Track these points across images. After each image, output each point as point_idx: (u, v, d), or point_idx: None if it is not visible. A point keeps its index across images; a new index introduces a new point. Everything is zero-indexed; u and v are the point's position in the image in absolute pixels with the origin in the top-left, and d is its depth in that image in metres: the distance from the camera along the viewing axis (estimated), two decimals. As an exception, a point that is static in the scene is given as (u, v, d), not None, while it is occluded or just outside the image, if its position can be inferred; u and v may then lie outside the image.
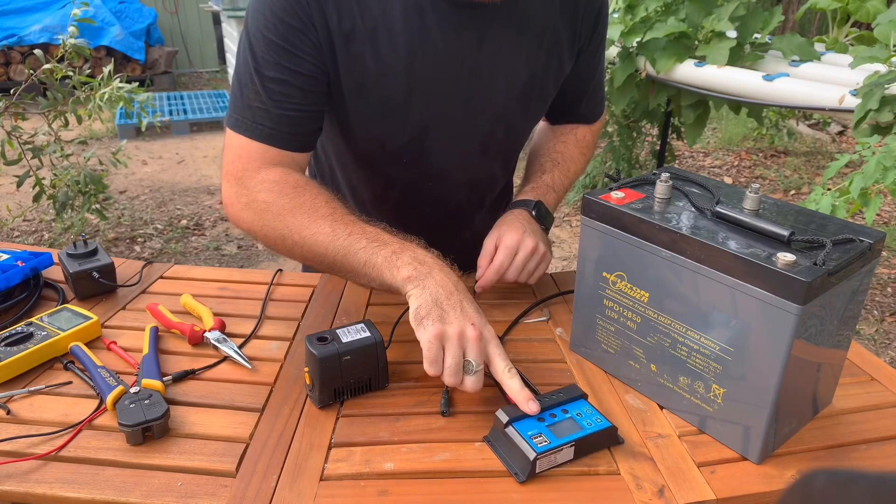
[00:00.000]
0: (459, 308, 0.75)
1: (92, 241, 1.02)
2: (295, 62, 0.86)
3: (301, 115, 0.90)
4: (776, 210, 0.74)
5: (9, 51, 6.00)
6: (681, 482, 0.66)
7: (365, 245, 0.81)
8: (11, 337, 0.82)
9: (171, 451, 0.68)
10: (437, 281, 0.77)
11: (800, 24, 5.90)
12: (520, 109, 1.02)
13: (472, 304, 0.76)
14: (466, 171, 1.05)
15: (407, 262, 0.79)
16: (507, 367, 0.73)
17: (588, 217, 0.79)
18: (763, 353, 0.64)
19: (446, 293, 0.76)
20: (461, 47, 0.91)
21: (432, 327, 0.72)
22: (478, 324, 0.74)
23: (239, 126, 0.89)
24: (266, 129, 0.88)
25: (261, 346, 0.87)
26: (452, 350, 0.72)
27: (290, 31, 0.85)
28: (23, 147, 2.91)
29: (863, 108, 1.79)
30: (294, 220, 0.85)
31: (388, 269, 0.79)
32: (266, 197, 0.87)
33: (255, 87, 0.87)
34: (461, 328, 0.73)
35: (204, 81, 7.35)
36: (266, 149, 0.89)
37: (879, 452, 0.72)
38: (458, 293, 0.76)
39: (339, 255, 0.82)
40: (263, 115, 0.88)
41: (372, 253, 0.81)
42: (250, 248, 3.42)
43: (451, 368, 0.72)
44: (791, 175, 4.51)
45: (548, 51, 0.99)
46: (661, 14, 2.61)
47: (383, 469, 0.67)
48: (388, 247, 0.81)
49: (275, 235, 0.86)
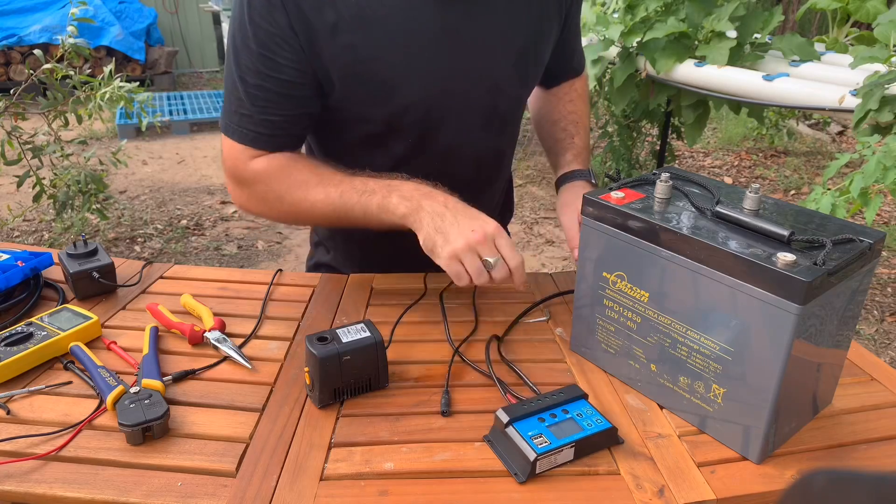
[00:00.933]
0: (456, 224, 0.83)
1: (92, 241, 1.02)
2: (275, 68, 0.88)
3: (283, 119, 0.93)
4: (776, 210, 0.74)
5: (9, 51, 6.00)
6: (681, 482, 0.66)
7: (357, 199, 0.89)
8: (11, 337, 0.82)
9: (171, 451, 0.68)
10: (428, 209, 0.85)
11: (800, 24, 5.90)
12: (517, 78, 1.03)
13: (465, 214, 0.84)
14: (472, 147, 1.06)
15: (396, 202, 0.87)
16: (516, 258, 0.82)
17: (588, 217, 0.79)
18: (763, 353, 0.64)
19: (440, 216, 0.84)
20: (452, 19, 0.92)
21: (443, 251, 0.82)
22: (477, 227, 0.82)
23: (227, 130, 0.95)
24: (250, 133, 0.93)
25: (261, 346, 0.87)
26: (468, 260, 0.81)
27: (268, 38, 0.86)
28: (23, 147, 2.91)
29: (863, 108, 1.79)
30: (291, 198, 0.93)
31: (384, 214, 0.88)
32: (261, 187, 0.95)
33: (239, 93, 0.91)
34: (466, 240, 0.81)
35: (204, 81, 7.35)
36: (252, 151, 0.94)
37: (879, 452, 0.72)
38: (448, 211, 0.85)
39: (340, 214, 0.91)
40: (247, 120, 0.92)
41: (366, 205, 0.89)
42: (250, 248, 3.42)
43: (475, 273, 0.81)
44: (791, 175, 4.51)
45: (538, 15, 1.01)
46: (661, 14, 2.61)
47: (383, 469, 0.67)
48: (377, 194, 0.89)
49: (282, 215, 0.98)
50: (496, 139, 1.09)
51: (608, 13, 2.79)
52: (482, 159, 1.09)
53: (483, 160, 1.09)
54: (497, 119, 1.05)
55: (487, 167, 1.12)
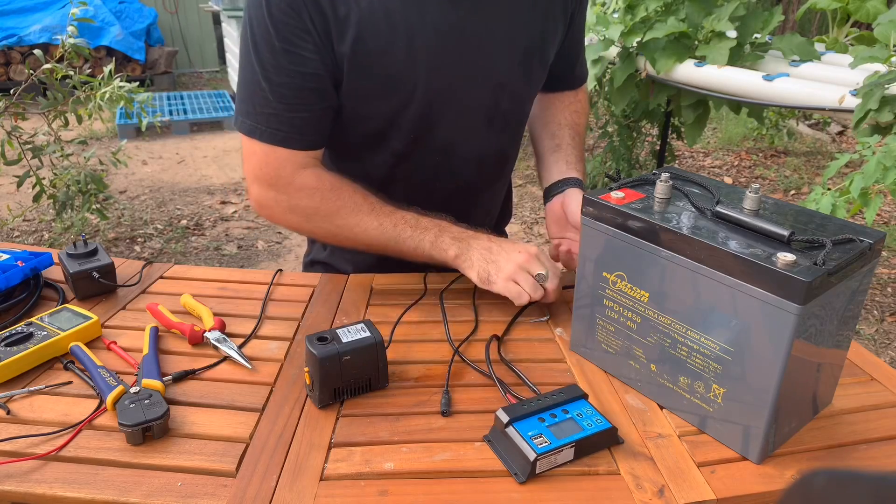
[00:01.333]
0: (503, 252, 0.92)
1: (92, 241, 1.02)
2: (300, 63, 0.88)
3: (313, 115, 0.93)
4: (776, 210, 0.74)
5: (9, 51, 6.00)
6: (681, 482, 0.66)
7: (410, 234, 0.96)
8: (11, 337, 0.82)
9: (171, 451, 0.68)
10: (476, 248, 0.94)
11: (800, 24, 5.90)
12: (522, 77, 1.03)
13: (508, 243, 0.94)
14: (474, 146, 1.06)
15: (449, 243, 0.95)
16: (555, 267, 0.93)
17: (588, 217, 0.79)
18: (763, 353, 0.64)
19: (488, 251, 0.93)
20: (459, 16, 0.92)
21: (499, 278, 0.91)
22: (522, 250, 0.92)
23: (254, 132, 0.93)
24: (282, 134, 0.93)
25: (261, 346, 0.87)
26: (522, 279, 0.90)
27: (290, 32, 0.86)
28: (23, 147, 2.91)
29: (863, 108, 1.79)
30: (342, 221, 0.97)
31: (436, 252, 0.95)
32: (309, 203, 0.97)
33: (265, 93, 0.90)
34: (515, 262, 0.91)
35: (204, 81, 7.35)
36: (288, 152, 0.94)
37: (879, 452, 0.72)
38: (494, 244, 0.94)
39: (390, 244, 0.97)
40: (276, 119, 0.91)
41: (419, 240, 0.96)
42: (250, 248, 3.42)
43: (532, 289, 0.90)
44: (791, 175, 4.51)
45: (543, 15, 1.01)
46: (661, 14, 2.61)
47: (383, 469, 0.67)
48: (430, 231, 0.96)
49: (324, 234, 1.02)
50: (498, 138, 1.08)
51: (608, 13, 2.79)
52: (484, 158, 1.09)
53: (485, 159, 1.09)
54: (500, 118, 1.05)
55: (489, 166, 1.11)
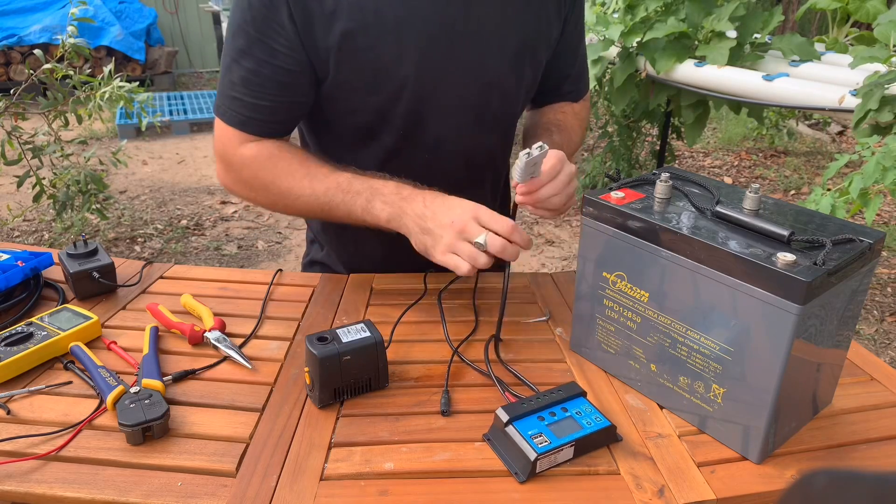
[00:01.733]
0: (436, 220, 0.85)
1: (92, 241, 1.02)
2: (270, 54, 0.89)
3: (273, 105, 0.94)
4: (776, 210, 0.74)
5: (9, 51, 6.00)
6: (681, 482, 0.66)
7: (342, 198, 0.91)
8: (11, 337, 0.82)
9: (171, 451, 0.68)
10: (410, 214, 0.87)
11: (800, 24, 5.90)
12: (513, 76, 1.02)
13: (441, 207, 0.85)
14: (463, 144, 1.05)
15: (380, 208, 0.89)
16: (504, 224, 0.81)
17: (588, 217, 0.79)
18: (763, 353, 0.64)
19: (421, 218, 0.86)
20: (449, 13, 0.92)
21: (435, 250, 0.85)
22: (455, 217, 0.83)
23: (219, 111, 0.96)
24: (241, 116, 0.94)
25: (261, 346, 0.87)
26: (460, 248, 0.83)
27: (266, 25, 0.87)
28: (23, 147, 2.91)
29: (863, 108, 1.79)
30: (277, 188, 0.95)
31: (369, 217, 0.90)
32: (248, 173, 0.96)
33: (233, 75, 0.92)
34: (451, 230, 0.83)
35: (204, 81, 7.35)
36: (241, 134, 0.96)
37: (879, 452, 0.72)
38: (428, 209, 0.86)
39: (325, 210, 0.93)
40: (238, 103, 0.94)
41: (350, 205, 0.91)
42: (250, 248, 3.42)
43: (471, 259, 0.82)
44: (791, 175, 4.51)
45: (536, 16, 1.00)
46: (661, 14, 2.61)
47: (383, 469, 0.67)
48: (360, 196, 0.90)
49: (267, 202, 0.99)
50: (487, 137, 1.08)
51: (608, 13, 2.79)
52: (472, 157, 1.08)
53: (473, 158, 1.09)
54: (489, 116, 1.04)
55: (477, 165, 1.11)
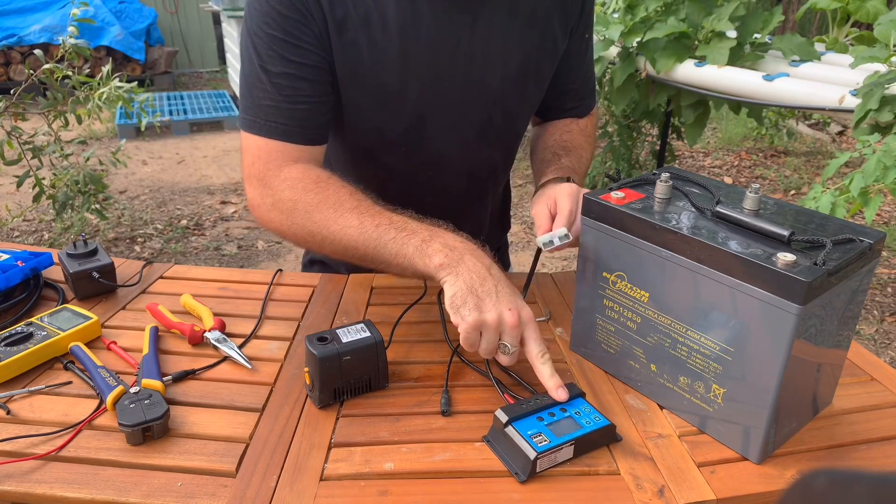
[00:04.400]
0: (495, 293, 0.75)
1: (92, 241, 1.02)
2: (299, 54, 0.87)
3: (312, 108, 0.90)
4: (776, 210, 0.74)
5: (9, 51, 6.00)
6: (681, 482, 0.66)
7: (394, 236, 0.81)
8: (11, 337, 0.82)
9: (171, 451, 0.68)
10: (470, 267, 0.77)
11: (800, 24, 5.90)
12: (516, 93, 1.02)
13: (506, 287, 0.76)
14: (466, 159, 1.05)
15: (437, 249, 0.79)
16: (541, 352, 0.74)
17: (588, 217, 0.79)
18: (763, 353, 0.64)
19: (480, 279, 0.76)
20: (454, 30, 0.92)
21: (470, 317, 0.73)
22: (515, 308, 0.74)
23: (252, 127, 0.90)
24: (280, 126, 0.89)
25: (261, 346, 0.87)
26: (489, 337, 0.74)
27: (290, 24, 0.86)
28: (23, 147, 2.91)
29: (863, 107, 1.79)
30: (321, 216, 0.85)
31: (419, 258, 0.79)
32: (290, 195, 0.87)
33: (263, 84, 0.88)
34: (499, 315, 0.73)
35: (204, 81, 7.35)
36: (283, 146, 0.90)
37: (879, 452, 0.72)
38: (491, 278, 0.76)
39: (370, 247, 0.83)
40: (275, 112, 0.89)
41: (402, 244, 0.81)
42: (250, 248, 3.42)
43: (486, 351, 0.76)
44: (791, 175, 4.51)
45: (541, 33, 0.99)
46: (661, 14, 2.61)
47: (383, 469, 0.67)
48: (417, 235, 0.81)
49: (304, 233, 0.88)
50: (490, 152, 1.07)
51: (608, 13, 2.79)
52: (474, 172, 1.08)
53: (475, 173, 1.08)
54: (492, 132, 1.04)
55: (479, 180, 1.11)
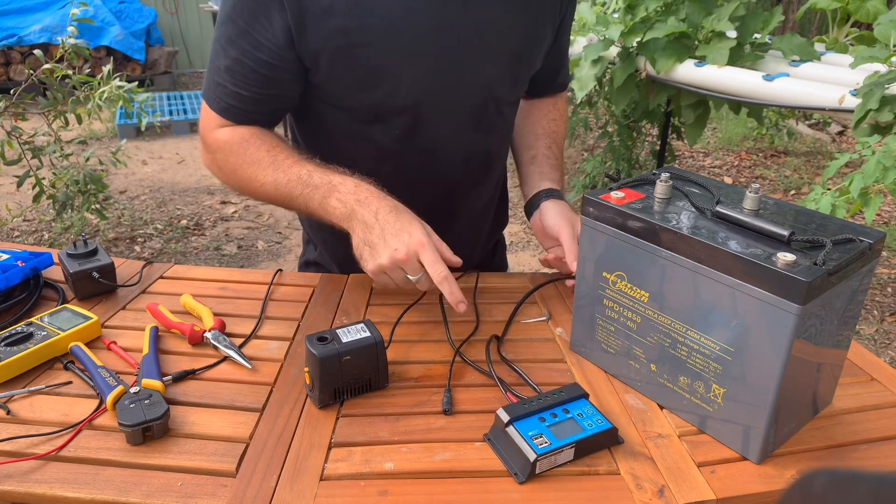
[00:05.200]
0: (382, 239, 0.83)
1: (92, 241, 1.02)
2: (255, 46, 0.90)
3: (253, 96, 0.94)
4: (776, 210, 0.74)
5: (9, 51, 6.00)
6: (681, 482, 0.66)
7: (301, 191, 0.90)
8: (11, 337, 0.81)
9: (171, 451, 0.68)
10: (360, 218, 0.85)
11: (800, 24, 5.90)
12: (509, 79, 1.03)
13: (392, 226, 0.83)
14: (460, 145, 1.05)
15: (334, 206, 0.88)
16: (440, 272, 0.80)
17: (588, 217, 0.79)
18: (763, 353, 0.64)
19: (368, 228, 0.84)
20: (447, 15, 0.92)
21: (368, 265, 0.84)
22: (400, 245, 0.81)
23: (205, 94, 0.98)
24: (222, 103, 0.95)
25: (261, 346, 0.87)
26: (394, 275, 0.83)
27: (254, 17, 0.88)
28: (23, 147, 2.91)
29: (863, 108, 1.79)
30: (244, 174, 0.95)
31: (323, 213, 0.89)
32: (220, 155, 0.97)
33: (218, 62, 0.93)
34: (389, 257, 0.81)
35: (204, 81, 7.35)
36: (221, 119, 0.97)
37: (879, 452, 0.72)
38: (378, 223, 0.84)
39: (285, 201, 0.93)
40: (221, 89, 0.95)
41: (307, 199, 0.90)
42: (250, 248, 3.42)
43: (401, 284, 0.84)
44: (791, 175, 4.52)
45: (535, 18, 1.01)
46: (661, 14, 2.61)
47: (383, 469, 0.67)
48: (318, 191, 0.89)
49: (236, 187, 0.99)
50: (484, 138, 1.08)
51: (608, 13, 2.79)
52: (469, 158, 1.09)
53: (470, 159, 1.09)
54: (486, 118, 1.05)
55: (474, 167, 1.11)
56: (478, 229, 1.21)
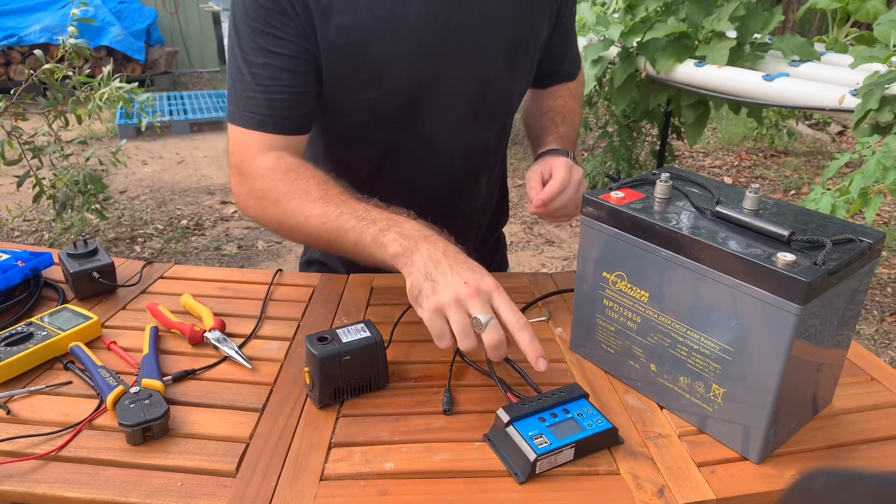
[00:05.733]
0: (450, 272, 0.73)
1: (92, 241, 1.02)
2: (279, 45, 0.89)
3: (291, 98, 0.92)
4: (776, 210, 0.74)
5: (9, 51, 6.00)
6: (681, 482, 0.66)
7: (354, 225, 0.82)
8: (11, 337, 0.82)
9: (171, 451, 0.68)
10: (424, 254, 0.75)
11: (800, 24, 5.90)
12: (508, 69, 1.03)
13: (463, 263, 0.74)
14: (460, 138, 1.06)
15: (393, 238, 0.78)
16: (517, 318, 0.70)
17: (588, 217, 0.79)
18: (763, 353, 0.64)
19: (434, 263, 0.74)
20: (444, 8, 0.92)
21: (427, 302, 0.71)
22: (471, 280, 0.71)
23: (235, 118, 0.92)
24: (258, 117, 0.91)
25: (261, 346, 0.87)
26: (453, 315, 0.70)
27: (270, 16, 0.87)
28: (23, 147, 2.91)
29: (863, 108, 1.79)
30: (288, 205, 0.87)
31: (375, 248, 0.79)
32: (262, 184, 0.90)
33: (244, 76, 0.90)
34: (455, 292, 0.70)
35: (204, 81, 7.35)
36: (259, 136, 0.91)
37: (879, 452, 0.72)
38: (445, 259, 0.75)
39: (332, 236, 0.84)
40: (254, 103, 0.90)
41: (361, 233, 0.81)
42: (250, 248, 3.42)
43: (460, 333, 0.70)
44: (791, 175, 4.51)
45: (530, 9, 1.01)
46: (661, 14, 2.61)
47: (383, 469, 0.67)
48: (375, 225, 0.80)
49: (274, 221, 0.90)
50: (484, 132, 1.09)
51: (608, 13, 2.79)
52: (469, 152, 1.09)
53: (470, 153, 1.09)
54: (485, 111, 1.05)
55: (474, 161, 1.11)
56: (477, 225, 1.21)
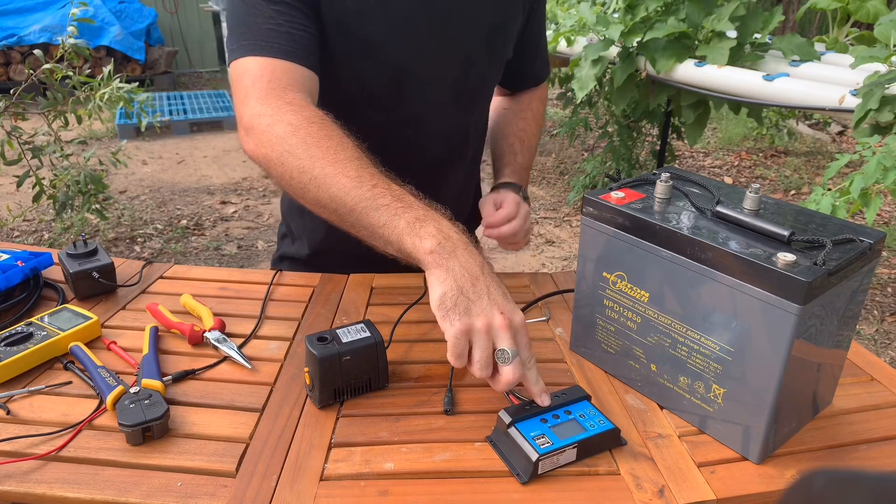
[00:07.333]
0: (486, 296, 0.69)
1: (92, 241, 1.02)
2: None
3: (308, 37, 0.90)
4: (776, 210, 0.74)
5: (9, 51, 6.00)
6: (681, 482, 0.66)
7: (389, 202, 0.74)
8: (11, 337, 0.81)
9: (171, 451, 0.68)
10: (462, 262, 0.70)
11: (800, 24, 5.90)
12: (487, 54, 1.07)
13: (499, 288, 0.70)
14: (441, 119, 1.09)
15: (432, 232, 0.71)
16: (529, 357, 0.70)
17: (588, 217, 0.79)
18: (763, 353, 0.64)
19: (472, 278, 0.69)
20: None
21: (458, 322, 0.67)
22: (506, 311, 0.68)
23: (253, 49, 0.87)
24: (283, 46, 0.87)
25: (261, 346, 0.87)
26: (481, 344, 0.67)
27: None
28: (23, 147, 2.91)
29: (863, 108, 1.79)
30: (320, 152, 0.78)
31: (409, 235, 0.72)
32: (293, 119, 0.81)
33: (263, 11, 0.87)
34: (489, 319, 0.67)
35: (204, 81, 7.35)
36: (287, 65, 0.87)
37: (879, 452, 0.72)
38: (483, 277, 0.70)
39: (360, 205, 0.75)
40: (276, 35, 0.87)
41: (394, 213, 0.73)
42: (250, 248, 3.42)
43: (481, 363, 0.67)
44: (791, 175, 4.52)
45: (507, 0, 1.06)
46: (661, 14, 2.61)
47: (383, 469, 0.67)
48: (412, 211, 0.74)
49: (294, 168, 0.79)
50: (464, 116, 1.12)
51: (608, 13, 2.79)
52: (450, 135, 1.12)
53: (450, 136, 1.12)
54: (466, 95, 1.09)
55: (454, 144, 1.14)
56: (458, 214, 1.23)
